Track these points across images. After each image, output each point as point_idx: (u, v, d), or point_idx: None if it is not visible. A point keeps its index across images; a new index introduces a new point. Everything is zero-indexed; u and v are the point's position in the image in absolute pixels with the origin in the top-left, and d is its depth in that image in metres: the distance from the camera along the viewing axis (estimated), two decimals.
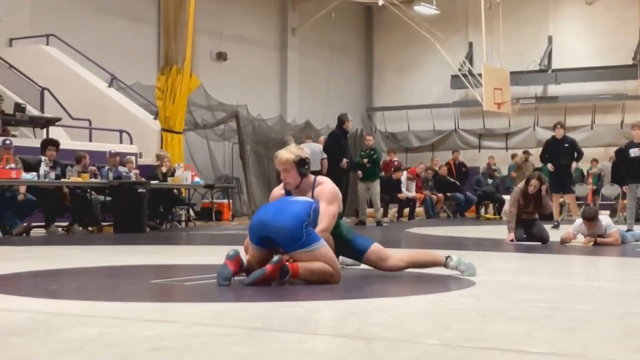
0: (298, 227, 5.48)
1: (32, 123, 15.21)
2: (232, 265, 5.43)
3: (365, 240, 6.10)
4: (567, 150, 14.50)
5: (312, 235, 5.55)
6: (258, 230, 5.61)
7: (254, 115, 22.31)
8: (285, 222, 5.49)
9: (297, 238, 5.48)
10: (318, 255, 5.53)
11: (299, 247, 5.50)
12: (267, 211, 5.73)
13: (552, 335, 3.59)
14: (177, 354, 3.11)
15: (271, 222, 5.54)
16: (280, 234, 5.50)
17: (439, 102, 27.04)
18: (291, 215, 5.53)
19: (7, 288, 5.70)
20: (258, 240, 5.61)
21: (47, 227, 13.01)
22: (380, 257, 6.01)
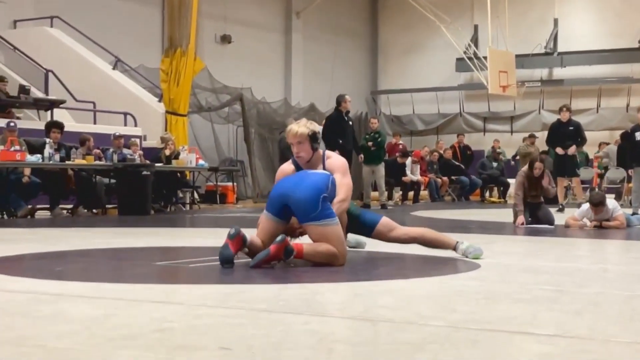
0: (315, 197, 5.52)
1: (36, 105, 15.19)
2: (233, 245, 5.43)
3: (374, 215, 6.17)
4: (572, 134, 14.46)
5: (327, 210, 5.57)
6: (279, 200, 5.65)
7: (258, 98, 22.26)
8: (304, 192, 5.54)
9: (313, 209, 5.51)
10: (328, 231, 5.54)
11: (312, 219, 5.52)
12: (287, 183, 5.76)
13: (558, 318, 3.58)
14: (183, 336, 3.11)
15: (290, 190, 5.59)
16: (298, 204, 5.54)
17: (444, 85, 26.96)
18: (310, 185, 5.58)
19: (12, 269, 5.70)
20: (278, 211, 5.65)
21: (51, 209, 13.02)
22: (389, 228, 6.07)
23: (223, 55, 22.36)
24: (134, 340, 3.01)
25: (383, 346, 2.96)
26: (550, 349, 2.87)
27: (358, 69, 28.18)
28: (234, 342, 2.95)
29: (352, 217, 6.03)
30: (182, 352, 2.81)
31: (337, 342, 2.98)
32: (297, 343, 3.00)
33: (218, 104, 20.70)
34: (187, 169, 15.99)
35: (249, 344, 2.94)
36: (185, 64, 17.35)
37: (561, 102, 19.39)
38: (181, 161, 15.33)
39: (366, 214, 6.17)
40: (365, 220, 6.10)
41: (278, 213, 5.67)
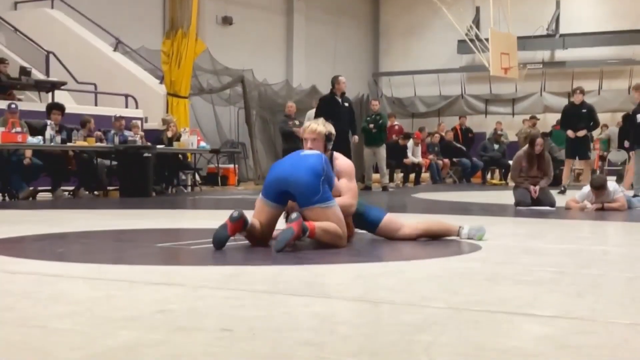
0: (316, 181, 5.54)
1: (37, 87, 15.16)
2: (232, 227, 5.42)
3: (378, 212, 6.13)
4: (585, 116, 14.38)
5: (327, 192, 5.60)
6: (276, 185, 5.65)
7: (259, 80, 22.21)
8: (304, 175, 5.55)
9: (315, 192, 5.53)
10: (330, 214, 5.55)
11: (315, 202, 5.53)
12: (283, 166, 5.78)
13: (560, 299, 3.58)
14: (184, 317, 3.11)
15: (289, 175, 5.59)
16: (299, 187, 5.54)
17: (445, 67, 26.90)
18: (307, 168, 5.59)
19: (14, 251, 5.71)
20: (275, 196, 5.65)
21: (53, 191, 13.02)
22: (393, 228, 6.05)
23: (224, 36, 22.31)
24: (135, 321, 3.02)
25: (385, 327, 2.96)
26: (552, 330, 2.87)
27: (359, 51, 28.12)
28: (235, 324, 2.95)
29: (357, 214, 6.01)
30: (183, 333, 2.81)
31: (338, 324, 2.98)
32: (298, 324, 3.01)
33: (219, 85, 20.67)
34: (189, 151, 15.97)
35: (250, 325, 2.94)
36: (186, 45, 17.31)
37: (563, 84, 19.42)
38: (182, 143, 15.31)
39: (371, 211, 6.12)
40: (370, 217, 6.08)
41: (276, 198, 5.66)
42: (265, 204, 5.70)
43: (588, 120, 14.39)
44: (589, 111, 14.46)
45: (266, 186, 5.74)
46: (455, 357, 2.46)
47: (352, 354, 2.51)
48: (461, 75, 27.06)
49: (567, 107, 14.96)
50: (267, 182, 5.75)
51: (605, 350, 2.61)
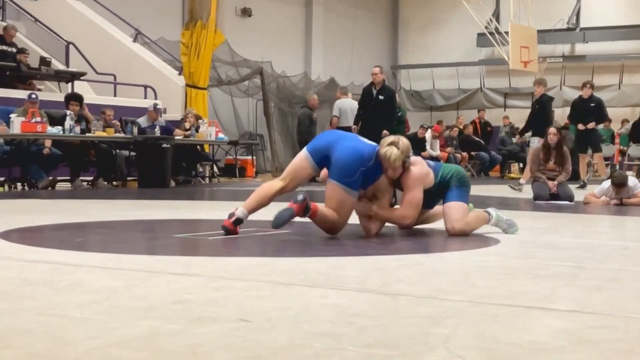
0: (355, 166, 5.59)
1: (57, 77, 15.24)
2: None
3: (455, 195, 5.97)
4: (593, 110, 14.35)
5: (358, 183, 5.64)
6: (324, 148, 5.76)
7: (278, 72, 22.21)
8: (347, 155, 5.62)
9: (348, 175, 5.60)
10: (344, 199, 5.62)
11: (342, 181, 5.61)
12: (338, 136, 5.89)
13: (578, 294, 3.57)
14: (202, 307, 3.12)
15: (338, 145, 5.68)
16: (338, 162, 5.62)
17: (464, 60, 26.81)
18: (357, 151, 5.65)
19: (33, 240, 5.75)
20: (320, 158, 5.77)
21: (72, 181, 13.09)
22: (449, 216, 5.94)
23: (243, 28, 22.32)
24: (154, 311, 3.03)
25: (402, 320, 2.96)
26: (570, 325, 2.86)
27: (378, 43, 28.06)
28: (253, 314, 2.96)
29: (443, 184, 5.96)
30: (201, 323, 2.82)
31: (356, 316, 2.98)
32: (316, 316, 3.01)
33: (238, 77, 20.69)
34: (207, 142, 16.01)
35: (268, 316, 2.94)
36: (205, 37, 17.34)
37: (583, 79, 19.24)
38: (201, 134, 15.35)
39: (452, 190, 5.97)
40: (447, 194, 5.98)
41: (319, 160, 5.78)
42: (306, 158, 5.84)
43: (596, 114, 14.37)
44: (597, 105, 14.44)
45: (316, 145, 5.84)
46: (472, 351, 2.46)
47: (369, 346, 2.51)
48: (480, 68, 26.96)
49: (576, 101, 14.94)
50: (318, 143, 5.85)
51: (623, 344, 2.60)
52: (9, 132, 11.86)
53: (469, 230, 5.98)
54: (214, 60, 18.71)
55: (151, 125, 13.97)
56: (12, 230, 6.06)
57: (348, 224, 6.17)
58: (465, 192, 6.06)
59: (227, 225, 5.76)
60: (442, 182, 5.97)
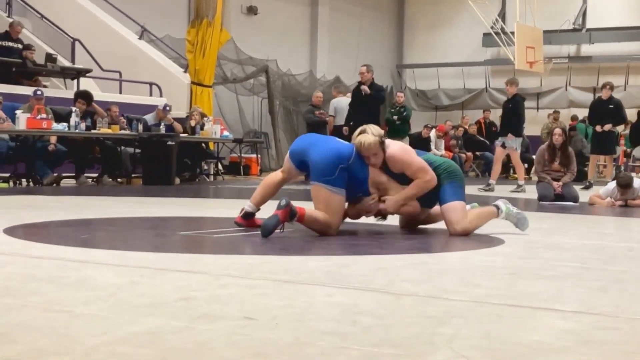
0: (334, 164, 5.62)
1: (63, 74, 15.24)
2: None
3: (452, 195, 5.90)
4: (612, 112, 14.32)
5: (341, 180, 5.65)
6: (299, 154, 5.87)
7: (283, 70, 22.20)
8: (324, 155, 5.65)
9: (329, 173, 5.62)
10: (332, 199, 5.65)
11: (324, 181, 5.64)
12: (311, 139, 5.96)
13: (583, 294, 3.57)
14: (207, 305, 3.13)
15: (312, 149, 5.74)
16: (316, 165, 5.68)
17: (470, 60, 26.78)
18: (332, 149, 5.69)
19: (38, 236, 5.76)
20: (298, 162, 5.89)
21: (77, 177, 13.10)
22: (449, 219, 5.89)
23: (249, 26, 22.31)
24: (159, 308, 3.03)
25: (407, 319, 2.96)
26: (575, 326, 2.86)
27: (384, 43, 28.03)
28: (258, 312, 2.96)
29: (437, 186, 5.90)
30: (206, 320, 2.82)
31: (360, 314, 2.98)
32: (320, 314, 3.01)
33: (243, 75, 20.69)
34: (212, 140, 16.01)
35: (273, 314, 2.95)
36: (211, 34, 17.33)
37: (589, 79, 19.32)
38: (206, 132, 15.35)
39: (446, 189, 5.90)
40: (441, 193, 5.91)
41: (298, 164, 5.89)
42: (290, 162, 5.95)
43: (615, 116, 14.32)
44: (616, 107, 14.39)
45: (292, 150, 5.96)
46: (477, 351, 2.46)
47: (373, 345, 2.51)
48: (486, 68, 26.92)
49: (595, 102, 14.92)
50: (294, 147, 5.97)
51: (629, 346, 2.60)
52: (15, 128, 11.87)
53: (472, 229, 5.95)
54: (219, 58, 18.70)
55: (157, 123, 13.99)
56: (18, 226, 6.07)
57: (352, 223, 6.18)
58: (458, 187, 5.96)
59: (238, 221, 5.95)
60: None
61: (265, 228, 5.49)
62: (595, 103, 14.84)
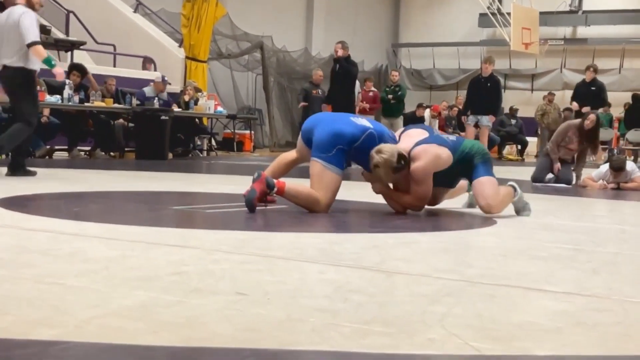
0: (331, 144, 5.63)
1: (56, 46, 15.16)
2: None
3: (483, 171, 5.84)
4: (594, 94, 14.33)
5: (339, 160, 5.67)
6: (307, 132, 5.92)
7: (278, 46, 22.14)
8: (324, 135, 5.68)
9: (325, 150, 5.65)
10: (326, 175, 5.64)
11: (321, 157, 5.67)
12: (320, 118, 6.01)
13: (575, 276, 3.57)
14: (199, 279, 3.12)
15: (316, 128, 5.78)
16: (316, 142, 5.72)
17: (465, 40, 26.77)
18: (335, 129, 5.68)
19: (30, 208, 5.74)
20: (307, 140, 5.92)
21: (69, 150, 13.07)
22: (480, 192, 5.82)
23: (245, 2, 22.22)
24: (151, 282, 3.03)
25: (398, 297, 2.96)
26: (567, 307, 2.86)
27: (380, 21, 27.96)
28: (250, 288, 2.96)
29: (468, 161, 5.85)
30: (198, 295, 2.82)
31: (352, 292, 2.98)
32: (312, 291, 3.01)
33: (238, 51, 20.64)
34: (206, 115, 15.97)
35: (265, 290, 2.94)
36: (206, 9, 17.26)
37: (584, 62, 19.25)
38: (200, 107, 15.31)
39: (479, 168, 5.84)
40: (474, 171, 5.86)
41: (307, 141, 5.91)
42: (300, 141, 6.01)
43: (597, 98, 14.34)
44: (598, 89, 14.42)
45: (303, 127, 6.01)
46: (469, 330, 2.46)
47: (365, 322, 2.51)
48: (481, 49, 26.90)
49: (579, 84, 14.93)
50: (305, 125, 5.99)
51: (620, 327, 2.60)
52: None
53: (502, 207, 5.89)
54: (214, 33, 18.64)
55: (153, 97, 13.93)
56: (10, 198, 6.06)
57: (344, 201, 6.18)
58: (490, 167, 5.94)
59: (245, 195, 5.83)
60: (465, 158, 5.81)
61: (247, 203, 5.50)
62: (579, 85, 14.86)
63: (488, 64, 13.78)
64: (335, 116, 6.12)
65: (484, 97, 13.58)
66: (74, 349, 2.11)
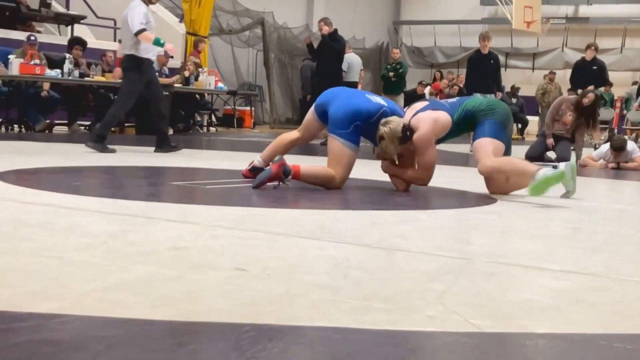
0: (349, 120, 5.66)
1: (57, 20, 15.12)
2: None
3: (487, 130, 5.65)
4: (595, 73, 14.27)
5: (356, 136, 5.71)
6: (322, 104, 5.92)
7: (279, 23, 22.05)
8: (341, 110, 5.69)
9: (342, 127, 5.68)
10: (343, 152, 5.68)
11: (338, 134, 5.70)
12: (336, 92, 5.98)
13: (574, 255, 3.57)
14: (198, 254, 3.12)
15: (333, 102, 5.79)
16: (332, 117, 5.73)
17: (467, 19, 26.66)
18: (351, 105, 5.69)
19: (30, 182, 5.74)
20: (320, 113, 5.93)
21: (69, 125, 13.04)
22: (475, 157, 5.75)
23: None
24: (150, 256, 3.02)
25: (398, 275, 2.96)
26: (566, 285, 2.86)
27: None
28: (250, 264, 2.96)
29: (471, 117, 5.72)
30: (197, 270, 2.82)
31: (352, 269, 2.98)
32: (312, 267, 3.01)
33: (239, 27, 20.56)
34: (206, 91, 15.93)
35: (265, 265, 2.94)
36: None
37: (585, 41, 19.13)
38: (200, 83, 15.27)
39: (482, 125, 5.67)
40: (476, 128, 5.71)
41: (320, 114, 5.94)
42: (312, 112, 6.02)
43: (598, 78, 14.27)
44: (599, 68, 14.35)
45: (318, 101, 5.99)
46: (468, 307, 2.46)
47: (364, 298, 2.51)
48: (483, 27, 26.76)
49: (578, 62, 14.82)
50: (320, 99, 5.97)
51: (618, 306, 2.60)
52: (7, 73, 11.79)
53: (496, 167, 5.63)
54: (215, 8, 18.55)
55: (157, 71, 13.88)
56: (9, 171, 6.05)
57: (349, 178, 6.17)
58: (492, 123, 5.66)
59: (244, 174, 6.08)
60: (467, 116, 5.71)
61: (257, 179, 5.54)
62: (578, 63, 14.76)
63: (487, 41, 13.58)
64: (351, 92, 6.05)
65: (489, 74, 13.38)
66: (73, 322, 2.11)
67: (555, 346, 2.15)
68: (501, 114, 5.73)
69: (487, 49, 13.36)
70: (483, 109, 5.72)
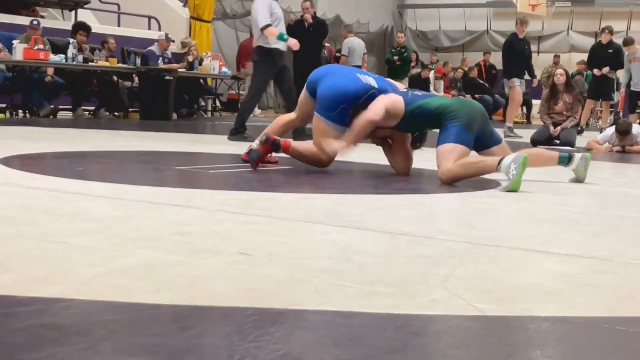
0: (336, 102, 5.65)
1: (60, 5, 15.09)
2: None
3: (449, 136, 5.44)
4: (611, 57, 14.22)
5: (342, 118, 5.68)
6: (312, 82, 5.92)
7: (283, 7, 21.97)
8: (329, 90, 5.69)
9: (329, 109, 5.68)
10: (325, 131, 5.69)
11: (324, 115, 5.71)
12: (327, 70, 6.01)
13: (579, 239, 3.57)
14: (202, 239, 3.12)
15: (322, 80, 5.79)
16: (320, 97, 5.74)
17: (472, 2, 26.54)
18: (339, 88, 5.68)
19: (34, 167, 5.74)
20: (311, 91, 5.92)
21: (73, 110, 13.04)
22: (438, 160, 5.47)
23: None
24: (154, 241, 3.03)
25: (401, 259, 2.96)
26: (570, 269, 2.86)
27: None
28: (253, 248, 2.96)
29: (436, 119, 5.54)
30: (201, 255, 2.82)
31: (355, 253, 2.98)
32: (316, 251, 3.01)
33: (243, 11, 20.49)
34: (210, 76, 15.92)
35: (268, 250, 2.94)
36: None
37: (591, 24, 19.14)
38: (204, 68, 15.24)
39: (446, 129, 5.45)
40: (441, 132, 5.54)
41: (311, 92, 5.92)
42: (305, 93, 6.02)
43: (614, 61, 14.24)
44: (615, 51, 14.30)
45: (309, 78, 5.99)
46: (472, 291, 2.46)
47: (368, 283, 2.51)
48: (487, 10, 26.70)
49: (595, 46, 14.81)
50: (312, 76, 5.97)
51: (623, 290, 2.60)
52: (11, 58, 11.79)
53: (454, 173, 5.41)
54: None
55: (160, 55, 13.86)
56: (13, 156, 6.05)
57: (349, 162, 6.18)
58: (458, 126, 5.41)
59: (244, 157, 6.10)
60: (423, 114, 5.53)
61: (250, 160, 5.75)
62: (594, 47, 14.74)
63: (525, 25, 13.30)
64: (343, 70, 6.00)
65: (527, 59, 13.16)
66: (77, 307, 2.11)
67: (559, 329, 2.15)
68: (464, 116, 5.45)
69: (523, 34, 13.13)
70: (445, 111, 5.46)
